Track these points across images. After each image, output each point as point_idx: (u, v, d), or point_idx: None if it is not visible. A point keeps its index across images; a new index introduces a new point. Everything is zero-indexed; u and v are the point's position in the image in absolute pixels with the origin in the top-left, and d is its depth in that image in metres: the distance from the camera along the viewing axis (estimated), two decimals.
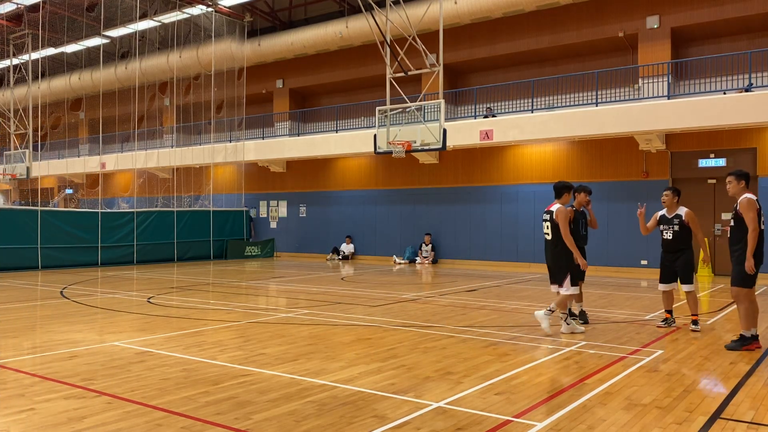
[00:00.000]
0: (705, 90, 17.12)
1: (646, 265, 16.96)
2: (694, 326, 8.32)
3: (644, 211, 8.62)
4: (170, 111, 29.53)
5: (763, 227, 7.08)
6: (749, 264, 6.87)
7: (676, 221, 8.33)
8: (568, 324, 8.08)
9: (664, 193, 8.54)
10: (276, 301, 11.95)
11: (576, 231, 8.45)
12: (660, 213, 8.60)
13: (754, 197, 7.13)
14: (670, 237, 8.37)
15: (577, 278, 8.23)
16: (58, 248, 18.45)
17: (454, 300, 11.60)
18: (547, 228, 8.06)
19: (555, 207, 7.99)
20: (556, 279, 8.05)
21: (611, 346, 7.33)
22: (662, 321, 8.69)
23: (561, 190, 8.09)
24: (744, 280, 6.98)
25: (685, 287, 8.35)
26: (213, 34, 24.36)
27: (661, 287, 8.62)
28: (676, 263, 8.38)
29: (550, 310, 7.91)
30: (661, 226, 8.50)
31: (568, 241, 7.87)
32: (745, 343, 7.09)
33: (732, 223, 7.20)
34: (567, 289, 7.91)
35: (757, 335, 7.17)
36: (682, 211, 8.36)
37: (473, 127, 19.00)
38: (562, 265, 7.97)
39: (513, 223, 19.91)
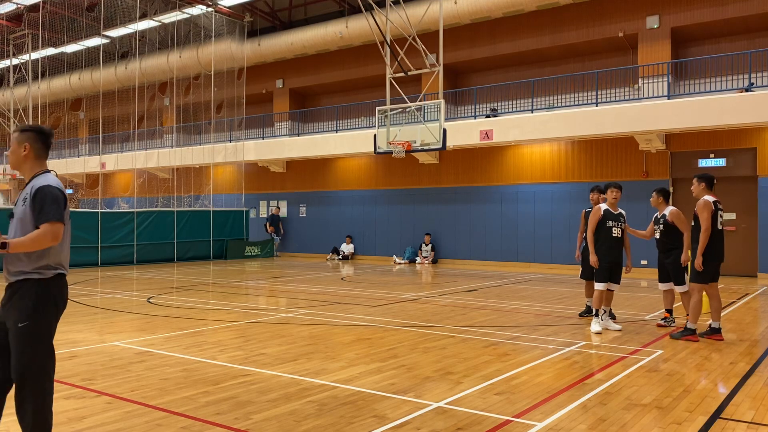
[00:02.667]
0: (705, 90, 17.13)
1: (646, 265, 16.96)
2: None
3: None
4: (170, 111, 29.53)
5: (720, 227, 7.58)
6: (698, 261, 7.48)
7: (661, 221, 8.57)
8: (595, 322, 8.26)
9: (652, 194, 8.83)
10: (276, 301, 11.95)
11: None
12: (655, 214, 8.87)
13: (711, 199, 7.61)
14: (658, 237, 8.66)
15: (602, 276, 8.34)
16: None
17: (454, 300, 11.60)
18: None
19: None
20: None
21: (611, 346, 7.34)
22: (662, 320, 8.76)
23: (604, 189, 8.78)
24: (698, 276, 7.56)
25: (678, 288, 8.45)
26: (213, 34, 24.36)
27: (660, 286, 8.80)
28: (667, 263, 8.57)
29: (594, 314, 8.32)
30: (654, 226, 8.77)
31: (588, 237, 8.47)
32: (685, 333, 7.67)
33: (692, 224, 7.85)
34: (597, 285, 8.36)
35: (695, 329, 7.70)
36: (668, 210, 8.55)
37: (473, 127, 19.00)
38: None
39: (513, 223, 19.91)
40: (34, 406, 3.65)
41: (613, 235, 8.37)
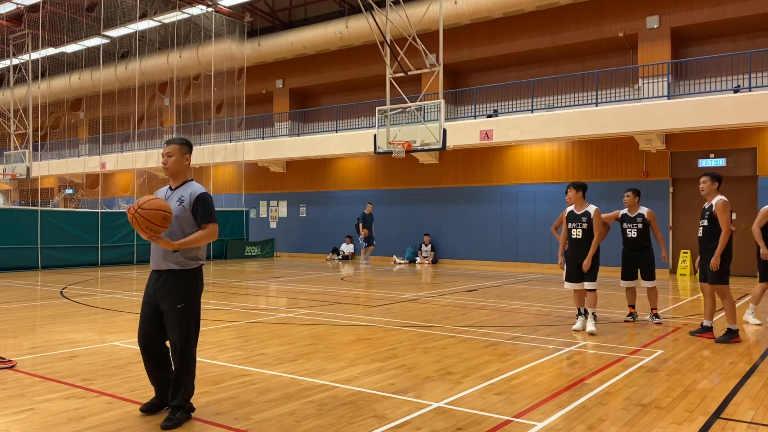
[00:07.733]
0: (705, 90, 17.13)
1: None
2: (656, 319, 8.80)
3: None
4: (170, 111, 29.54)
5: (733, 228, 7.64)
6: (715, 262, 7.41)
7: (639, 220, 8.84)
8: (590, 322, 8.27)
9: (626, 193, 8.98)
10: (276, 301, 11.95)
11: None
12: (622, 212, 9.06)
13: (727, 200, 7.58)
14: (635, 235, 8.86)
15: (595, 276, 8.38)
16: (58, 248, 18.44)
17: (454, 300, 11.60)
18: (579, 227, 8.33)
19: (593, 207, 8.30)
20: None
21: (611, 346, 7.34)
22: (628, 315, 9.04)
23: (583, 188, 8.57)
24: (721, 278, 7.50)
25: (649, 283, 8.81)
26: (213, 34, 24.36)
27: (625, 284, 9.03)
28: (641, 261, 8.86)
29: (592, 315, 8.31)
30: (624, 225, 8.96)
31: (594, 241, 8.13)
32: (732, 336, 7.53)
33: (705, 223, 7.65)
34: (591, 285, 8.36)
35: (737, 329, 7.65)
36: (644, 210, 8.89)
37: (473, 127, 19.00)
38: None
39: (513, 223, 19.91)
40: (188, 366, 4.47)
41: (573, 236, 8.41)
